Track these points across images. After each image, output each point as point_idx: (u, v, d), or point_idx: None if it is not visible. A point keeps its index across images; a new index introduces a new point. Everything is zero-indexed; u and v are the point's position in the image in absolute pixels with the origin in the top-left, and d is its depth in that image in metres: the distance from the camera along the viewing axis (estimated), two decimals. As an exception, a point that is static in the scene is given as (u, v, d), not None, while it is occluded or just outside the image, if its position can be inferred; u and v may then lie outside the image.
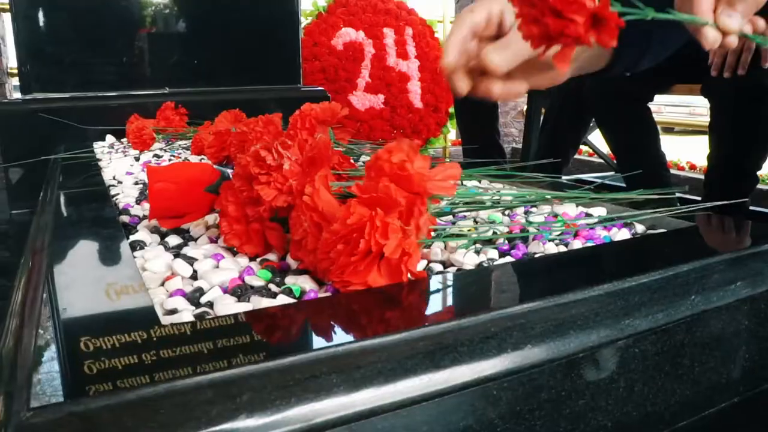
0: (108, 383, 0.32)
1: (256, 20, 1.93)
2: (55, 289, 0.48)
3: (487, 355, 0.40)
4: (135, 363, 0.35)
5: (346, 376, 0.36)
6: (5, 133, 1.54)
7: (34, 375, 0.34)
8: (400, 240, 0.50)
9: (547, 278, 0.50)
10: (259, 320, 0.41)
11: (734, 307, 0.54)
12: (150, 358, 0.35)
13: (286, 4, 1.94)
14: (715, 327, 0.52)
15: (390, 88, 2.85)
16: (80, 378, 0.33)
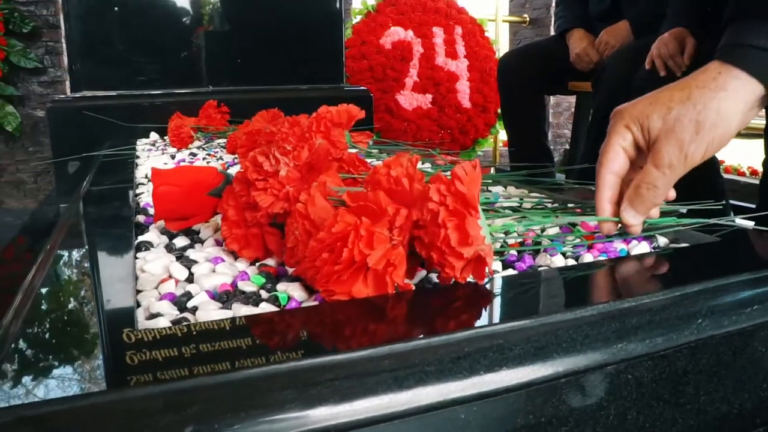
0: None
1: (300, 19, 1.94)
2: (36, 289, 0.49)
3: (456, 377, 0.38)
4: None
5: (301, 393, 0.35)
6: (56, 130, 1.60)
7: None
8: (386, 251, 0.49)
9: (537, 295, 0.48)
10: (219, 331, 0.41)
11: (749, 332, 0.50)
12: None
13: (330, 3, 1.94)
14: (725, 354, 0.49)
15: (438, 88, 2.82)
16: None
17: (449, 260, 0.49)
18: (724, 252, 0.61)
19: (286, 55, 1.95)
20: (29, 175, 2.52)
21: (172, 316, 0.48)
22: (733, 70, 0.57)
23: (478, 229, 0.50)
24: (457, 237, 0.48)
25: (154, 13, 1.74)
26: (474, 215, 0.51)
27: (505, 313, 0.44)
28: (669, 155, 0.57)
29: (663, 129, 0.58)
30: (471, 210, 0.51)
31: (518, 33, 3.64)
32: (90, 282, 0.55)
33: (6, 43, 2.34)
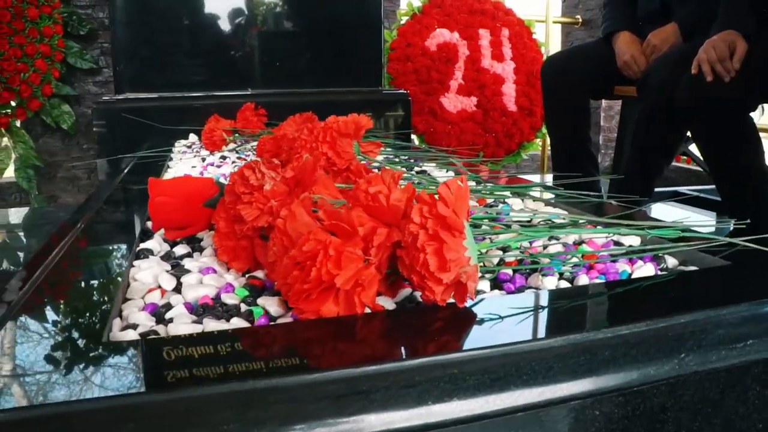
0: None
1: (340, 23, 1.95)
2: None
3: (402, 406, 0.37)
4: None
5: (239, 416, 0.35)
6: (101, 130, 1.66)
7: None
8: (356, 271, 0.48)
9: (505, 322, 0.46)
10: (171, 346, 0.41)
11: (741, 369, 0.47)
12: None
13: (370, 6, 1.94)
14: (711, 391, 0.46)
15: (483, 91, 2.78)
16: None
17: (428, 284, 0.48)
18: (727, 278, 0.58)
19: (326, 59, 1.97)
20: (83, 172, 2.63)
21: (146, 327, 0.49)
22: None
23: (460, 252, 0.49)
24: (436, 262, 0.47)
25: (195, 17, 1.78)
26: (458, 237, 0.50)
27: (465, 341, 0.43)
28: None
29: None
30: (454, 232, 0.49)
31: (570, 34, 3.56)
32: (78, 289, 0.56)
33: (64, 45, 2.44)
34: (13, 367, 0.41)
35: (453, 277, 0.48)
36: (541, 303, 0.50)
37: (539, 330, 0.44)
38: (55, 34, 2.40)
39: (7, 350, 0.44)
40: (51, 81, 2.42)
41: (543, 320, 0.46)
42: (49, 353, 0.42)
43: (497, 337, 0.43)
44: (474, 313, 0.48)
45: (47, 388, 0.37)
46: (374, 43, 1.97)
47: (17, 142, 2.43)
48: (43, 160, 2.56)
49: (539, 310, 0.48)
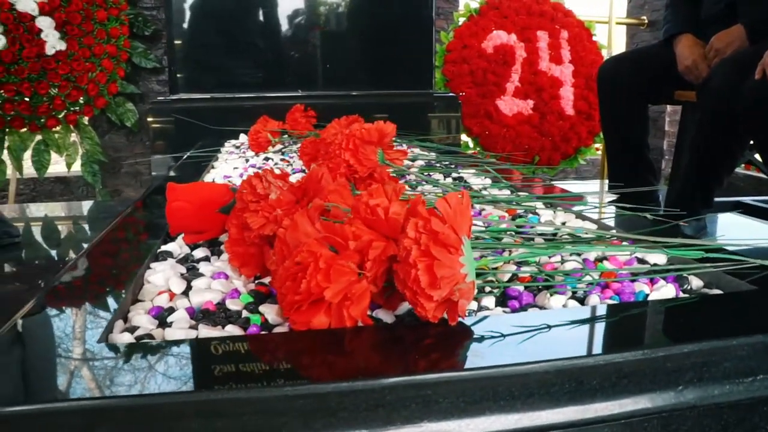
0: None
1: (391, 25, 1.95)
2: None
3: (369, 425, 0.37)
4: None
5: (205, 424, 0.36)
6: (155, 129, 1.73)
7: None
8: (346, 284, 0.48)
9: (491, 344, 0.45)
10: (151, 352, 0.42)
11: (748, 406, 0.44)
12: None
13: (421, 9, 1.94)
14: (711, 428, 0.43)
15: (540, 94, 2.72)
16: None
17: (420, 300, 0.47)
18: (746, 305, 0.55)
19: (377, 61, 1.97)
20: (145, 167, 2.73)
21: (146, 330, 0.50)
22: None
23: (455, 268, 0.48)
24: (427, 279, 0.47)
25: (247, 20, 1.82)
26: (453, 253, 0.49)
27: (443, 362, 0.42)
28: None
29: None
30: (450, 248, 0.49)
31: (636, 36, 3.43)
32: (90, 291, 0.59)
33: (129, 45, 2.55)
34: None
35: (445, 294, 0.47)
36: (535, 324, 0.48)
37: (524, 354, 0.43)
38: (122, 35, 2.51)
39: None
40: (116, 80, 2.53)
41: (531, 343, 0.45)
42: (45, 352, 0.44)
43: (478, 359, 0.42)
44: (464, 332, 0.47)
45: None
46: (425, 46, 1.96)
47: (84, 138, 2.55)
48: (108, 155, 2.67)
49: (531, 332, 0.47)
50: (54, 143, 2.50)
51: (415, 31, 1.95)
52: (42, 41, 2.35)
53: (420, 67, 1.99)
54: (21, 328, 0.49)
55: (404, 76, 1.99)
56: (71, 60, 2.43)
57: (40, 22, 2.34)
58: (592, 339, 0.46)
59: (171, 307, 0.55)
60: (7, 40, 2.31)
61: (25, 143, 2.46)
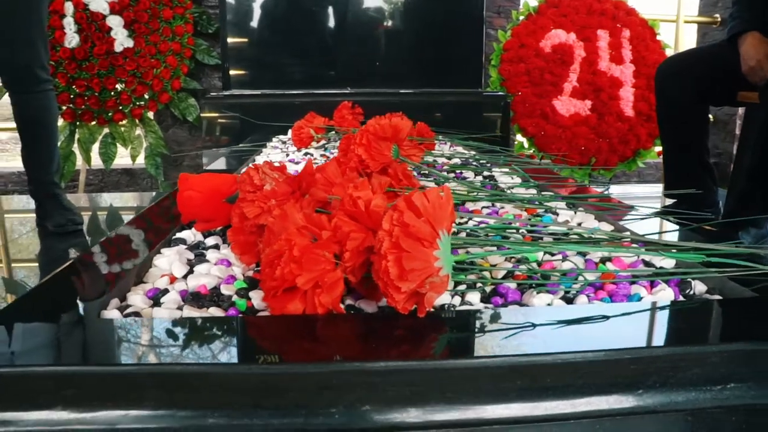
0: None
1: (441, 24, 1.95)
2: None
3: (315, 406, 0.38)
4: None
5: (167, 394, 0.38)
6: (209, 123, 1.79)
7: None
8: (319, 273, 0.49)
9: (453, 337, 0.45)
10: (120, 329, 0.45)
11: (716, 414, 0.43)
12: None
13: (472, 8, 1.93)
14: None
15: (599, 94, 2.65)
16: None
17: (390, 292, 0.48)
18: (739, 313, 0.52)
19: (426, 60, 1.98)
20: (207, 160, 2.83)
21: (137, 308, 0.53)
22: None
23: (428, 262, 0.49)
24: (396, 271, 0.48)
25: (298, 19, 1.86)
26: (427, 246, 0.50)
27: (394, 352, 0.43)
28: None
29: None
30: (423, 242, 0.50)
31: (707, 35, 3.28)
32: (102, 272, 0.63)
33: (193, 42, 2.65)
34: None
35: (414, 286, 0.48)
36: (505, 321, 0.48)
37: (480, 349, 0.43)
38: (186, 32, 2.61)
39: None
40: (180, 76, 2.64)
41: (490, 339, 0.45)
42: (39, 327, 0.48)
43: (433, 351, 0.43)
44: (431, 325, 0.48)
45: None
46: (475, 45, 1.95)
47: (148, 132, 2.67)
48: (171, 149, 2.79)
49: (498, 329, 0.47)
50: (120, 136, 2.63)
51: (465, 30, 1.95)
52: (111, 39, 2.48)
53: (469, 66, 1.98)
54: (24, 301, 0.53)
55: (453, 74, 1.98)
56: (138, 57, 2.55)
57: (110, 20, 2.47)
58: (554, 337, 0.46)
59: (166, 289, 0.58)
60: (80, 38, 2.45)
61: (93, 136, 2.60)
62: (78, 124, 2.60)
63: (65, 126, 2.60)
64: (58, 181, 1.91)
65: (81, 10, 2.45)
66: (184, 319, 0.48)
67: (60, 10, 2.44)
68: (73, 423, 0.38)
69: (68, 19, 2.43)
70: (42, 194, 1.89)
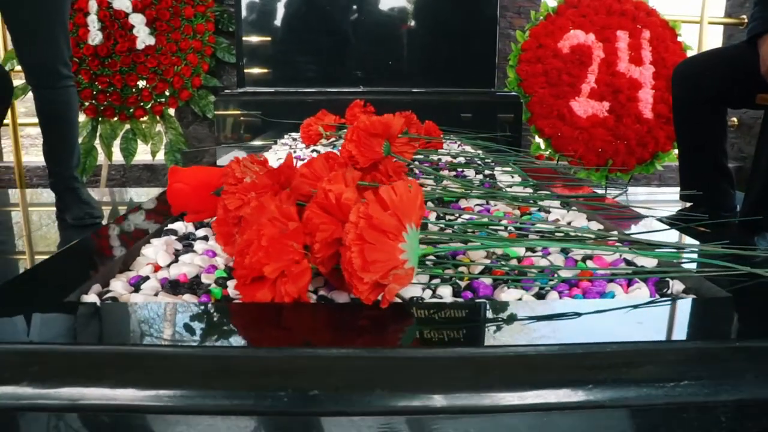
0: None
1: (454, 24, 1.95)
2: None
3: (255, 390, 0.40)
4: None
5: (124, 373, 0.40)
6: (220, 120, 1.82)
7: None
8: (285, 263, 0.51)
9: (407, 329, 0.46)
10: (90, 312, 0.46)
11: (664, 410, 0.43)
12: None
13: (485, 8, 1.93)
14: (619, 429, 0.43)
15: (617, 96, 2.62)
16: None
17: (354, 282, 0.49)
18: (706, 312, 0.52)
19: (439, 59, 1.99)
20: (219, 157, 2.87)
21: (116, 294, 0.55)
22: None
23: (390, 254, 0.50)
24: (360, 262, 0.49)
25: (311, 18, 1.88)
26: (392, 239, 0.51)
27: (346, 339, 0.44)
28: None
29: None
30: (389, 234, 0.51)
31: (733, 36, 3.23)
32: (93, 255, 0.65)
33: (214, 40, 2.69)
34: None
35: (377, 278, 0.49)
36: (467, 315, 0.49)
37: (435, 340, 0.44)
38: (207, 30, 2.65)
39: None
40: (200, 73, 2.68)
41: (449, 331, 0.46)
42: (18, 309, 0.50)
43: (382, 340, 0.44)
44: (392, 315, 0.49)
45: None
46: (488, 45, 1.95)
47: (168, 128, 2.72)
48: (191, 145, 2.84)
49: (459, 322, 0.48)
50: (141, 132, 2.69)
51: (479, 30, 1.95)
52: (133, 36, 2.54)
53: (482, 66, 1.98)
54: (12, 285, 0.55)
55: (466, 74, 1.99)
56: (159, 54, 2.60)
57: (132, 18, 2.52)
58: (511, 332, 0.47)
59: (148, 276, 0.60)
60: (103, 35, 2.50)
61: (115, 132, 2.66)
62: (100, 120, 2.66)
63: (87, 122, 2.66)
64: (77, 175, 1.96)
65: (104, 8, 2.51)
66: (154, 305, 0.49)
67: (84, 8, 2.50)
68: (36, 398, 0.40)
69: (92, 16, 2.49)
70: (62, 188, 1.94)
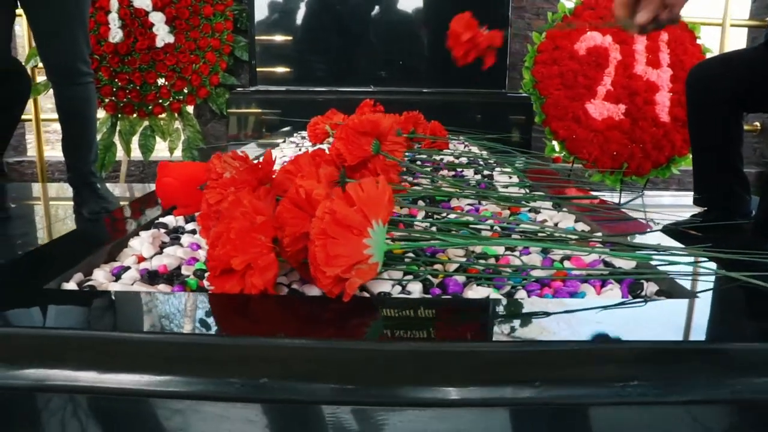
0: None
1: (466, 25, 1.95)
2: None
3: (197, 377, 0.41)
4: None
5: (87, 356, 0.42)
6: (234, 118, 1.85)
7: None
8: (252, 255, 0.52)
9: (359, 322, 0.47)
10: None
11: (612, 409, 0.44)
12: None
13: (497, 9, 1.93)
14: (561, 426, 0.44)
15: (633, 98, 2.60)
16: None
17: (318, 276, 0.51)
18: (668, 313, 0.53)
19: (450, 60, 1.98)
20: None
21: (95, 282, 0.57)
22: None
23: (354, 249, 0.51)
24: (323, 256, 0.50)
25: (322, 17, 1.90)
26: (357, 235, 0.52)
27: (300, 330, 0.46)
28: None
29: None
30: (353, 230, 0.52)
31: (758, 39, 3.17)
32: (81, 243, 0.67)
33: (233, 39, 2.73)
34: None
35: (339, 271, 0.50)
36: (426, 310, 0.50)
37: (387, 334, 0.45)
38: (225, 29, 2.69)
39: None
40: (218, 72, 2.72)
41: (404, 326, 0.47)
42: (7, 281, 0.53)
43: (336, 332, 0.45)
44: (352, 309, 0.50)
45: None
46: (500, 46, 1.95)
47: (186, 126, 2.76)
48: (209, 142, 2.88)
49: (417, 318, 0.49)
50: (159, 129, 2.74)
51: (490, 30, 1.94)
52: (153, 34, 2.58)
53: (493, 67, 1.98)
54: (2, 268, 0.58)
55: (477, 75, 1.99)
56: (178, 52, 2.64)
57: (152, 16, 2.57)
58: (466, 328, 0.48)
59: (129, 267, 0.62)
60: (123, 33, 2.56)
61: (134, 128, 2.71)
62: (119, 117, 2.72)
63: (107, 118, 2.72)
64: (95, 170, 2.00)
65: (125, 7, 2.56)
66: (123, 293, 0.51)
67: (105, 6, 2.55)
68: (3, 378, 0.42)
69: (113, 15, 2.54)
70: (79, 182, 1.99)
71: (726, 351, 0.46)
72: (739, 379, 0.44)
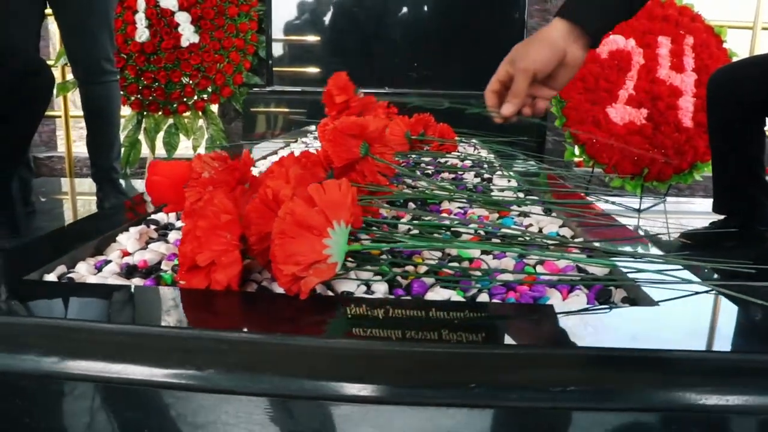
0: None
1: (482, 26, 1.96)
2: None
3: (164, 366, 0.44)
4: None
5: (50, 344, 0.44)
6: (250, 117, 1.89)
7: None
8: (217, 252, 0.55)
9: (309, 319, 0.49)
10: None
11: (546, 414, 0.44)
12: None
13: (513, 11, 1.93)
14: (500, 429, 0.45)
15: (656, 103, 2.57)
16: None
17: (276, 274, 0.53)
18: (616, 320, 0.53)
19: (465, 61, 2.00)
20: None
21: (78, 275, 0.60)
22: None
23: (312, 248, 0.53)
24: (281, 255, 0.52)
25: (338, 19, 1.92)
26: (317, 235, 0.54)
27: (248, 325, 0.48)
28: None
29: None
30: (313, 230, 0.54)
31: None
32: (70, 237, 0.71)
33: (257, 39, 2.77)
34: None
35: (296, 270, 0.52)
36: (376, 310, 0.52)
37: (332, 331, 0.47)
38: (250, 29, 2.74)
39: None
40: (242, 71, 2.77)
41: (352, 325, 0.49)
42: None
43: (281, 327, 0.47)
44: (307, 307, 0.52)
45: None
46: (514, 48, 1.95)
47: (210, 124, 2.82)
48: (232, 140, 2.93)
49: (365, 317, 0.50)
50: (183, 127, 2.80)
51: (506, 33, 1.95)
52: (178, 34, 2.64)
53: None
54: None
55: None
56: (202, 52, 2.70)
57: (178, 16, 2.63)
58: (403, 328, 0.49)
59: (110, 260, 0.65)
60: (149, 33, 2.62)
61: (158, 126, 2.78)
62: (145, 114, 2.78)
63: (133, 115, 2.79)
64: (117, 167, 2.06)
65: (152, 7, 2.62)
66: (94, 285, 0.54)
67: (132, 6, 2.62)
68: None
69: (140, 14, 2.61)
70: (102, 178, 2.05)
71: (667, 359, 0.46)
72: (677, 387, 0.44)
